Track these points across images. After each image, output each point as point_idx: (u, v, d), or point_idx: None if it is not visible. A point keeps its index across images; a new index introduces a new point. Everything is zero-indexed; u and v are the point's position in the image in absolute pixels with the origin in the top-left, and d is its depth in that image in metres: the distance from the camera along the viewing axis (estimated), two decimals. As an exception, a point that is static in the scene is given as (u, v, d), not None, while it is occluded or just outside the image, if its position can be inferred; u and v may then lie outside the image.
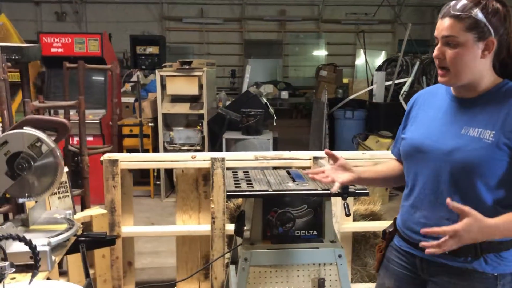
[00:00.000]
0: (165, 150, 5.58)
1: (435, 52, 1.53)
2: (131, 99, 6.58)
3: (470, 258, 1.52)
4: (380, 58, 11.07)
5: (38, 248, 1.71)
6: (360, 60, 10.35)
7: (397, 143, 1.81)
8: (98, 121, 5.33)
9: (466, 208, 1.38)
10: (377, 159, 3.05)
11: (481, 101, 1.54)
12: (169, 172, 5.81)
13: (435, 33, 1.54)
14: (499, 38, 1.48)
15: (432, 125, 1.62)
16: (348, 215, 2.13)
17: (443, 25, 1.49)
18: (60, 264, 2.93)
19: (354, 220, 3.25)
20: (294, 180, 2.37)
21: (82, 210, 3.06)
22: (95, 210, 2.94)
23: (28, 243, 1.29)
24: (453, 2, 1.49)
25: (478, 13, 1.45)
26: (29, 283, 1.34)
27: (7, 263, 1.17)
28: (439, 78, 1.56)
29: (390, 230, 1.80)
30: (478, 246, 1.51)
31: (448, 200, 1.39)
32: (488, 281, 1.52)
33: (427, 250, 1.42)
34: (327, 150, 1.83)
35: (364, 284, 3.23)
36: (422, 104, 1.71)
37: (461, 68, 1.49)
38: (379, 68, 7.89)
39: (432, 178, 1.57)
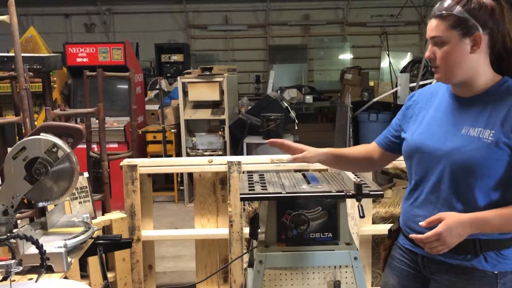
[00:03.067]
0: (188, 155, 5.65)
1: (426, 53, 1.55)
2: (156, 106, 6.70)
3: (470, 256, 1.51)
4: (406, 60, 10.90)
5: (54, 250, 1.78)
6: (385, 63, 10.24)
7: (387, 131, 1.84)
8: (123, 128, 5.45)
9: (438, 215, 1.44)
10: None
11: (481, 100, 1.51)
12: (192, 177, 5.88)
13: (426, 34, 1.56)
14: (490, 31, 1.46)
15: (432, 125, 1.61)
16: (362, 216, 2.12)
17: (431, 26, 1.51)
18: (84, 268, 3.01)
19: (373, 222, 3.21)
20: (308, 183, 2.37)
21: (103, 215, 3.13)
22: (115, 214, 3.00)
23: (35, 242, 1.34)
24: (439, 3, 1.51)
25: (459, 10, 1.45)
26: (36, 281, 1.39)
27: (13, 261, 1.22)
28: (435, 76, 1.57)
29: (395, 228, 1.80)
30: (478, 244, 1.49)
31: (422, 223, 1.46)
32: (488, 279, 1.49)
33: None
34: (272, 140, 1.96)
35: (385, 288, 3.17)
36: (424, 103, 1.70)
37: (452, 66, 1.49)
38: (404, 70, 7.78)
39: (432, 178, 1.56)
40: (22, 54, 2.51)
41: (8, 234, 1.35)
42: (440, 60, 1.50)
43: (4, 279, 1.22)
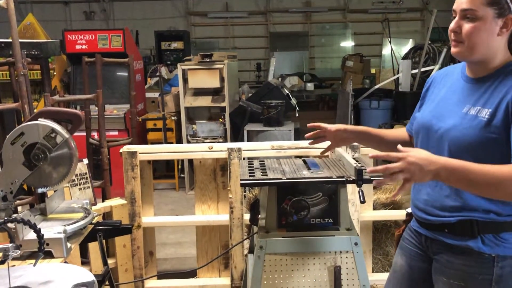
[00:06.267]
0: (188, 143, 5.64)
1: (452, 25, 1.50)
2: (156, 94, 6.67)
3: (467, 237, 1.51)
4: (407, 47, 10.83)
5: (54, 235, 1.78)
6: (387, 50, 10.17)
7: (412, 118, 1.82)
8: (122, 115, 5.44)
9: (410, 148, 1.43)
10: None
11: (488, 80, 1.52)
12: (193, 165, 5.88)
13: (453, 6, 1.51)
14: None
15: (441, 104, 1.62)
16: (362, 202, 2.10)
17: None
18: (84, 254, 3.02)
19: (374, 209, 3.21)
20: (309, 169, 2.36)
21: (103, 201, 3.12)
22: (115, 201, 3.00)
23: (32, 226, 1.33)
24: None
25: None
26: (34, 265, 1.39)
27: (10, 244, 1.22)
28: (452, 49, 1.53)
29: (410, 211, 1.81)
30: (475, 225, 1.49)
31: (399, 146, 1.42)
32: (485, 261, 1.49)
33: (374, 182, 1.51)
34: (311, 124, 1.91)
35: (386, 274, 3.18)
36: (438, 83, 1.71)
37: (476, 43, 1.47)
38: (405, 57, 7.74)
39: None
40: (20, 40, 2.48)
41: (6, 218, 1.34)
42: (466, 35, 1.47)
43: (2, 262, 1.22)
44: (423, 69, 7.01)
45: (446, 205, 1.54)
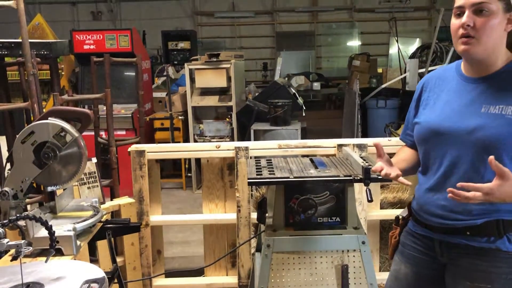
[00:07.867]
0: (195, 142, 5.65)
1: (465, 19, 1.45)
2: (163, 94, 6.71)
3: (493, 238, 1.49)
4: (414, 46, 10.79)
5: (64, 233, 1.80)
6: (393, 49, 10.15)
7: (408, 129, 1.77)
8: (130, 115, 5.47)
9: (508, 171, 1.33)
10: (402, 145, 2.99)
11: (497, 79, 1.50)
12: (200, 164, 5.89)
13: (459, 2, 1.48)
14: None
15: (447, 107, 1.58)
16: (370, 201, 2.10)
17: None
18: (93, 252, 3.04)
19: (381, 208, 3.20)
20: (316, 167, 2.36)
21: (111, 200, 3.15)
22: (124, 199, 3.02)
23: (44, 223, 1.35)
24: None
25: None
26: (46, 261, 1.40)
27: (23, 241, 1.24)
28: (462, 47, 1.48)
29: (404, 215, 1.78)
30: (501, 225, 1.47)
31: (491, 157, 1.32)
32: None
33: (449, 195, 1.38)
34: (376, 143, 1.71)
35: (393, 273, 3.18)
36: (433, 88, 1.67)
37: (489, 37, 1.45)
38: (413, 56, 7.71)
39: (454, 159, 1.54)
40: (30, 40, 2.51)
41: (18, 215, 1.36)
42: (480, 29, 1.44)
43: (14, 258, 1.24)
44: (430, 68, 6.97)
45: (471, 209, 1.50)
